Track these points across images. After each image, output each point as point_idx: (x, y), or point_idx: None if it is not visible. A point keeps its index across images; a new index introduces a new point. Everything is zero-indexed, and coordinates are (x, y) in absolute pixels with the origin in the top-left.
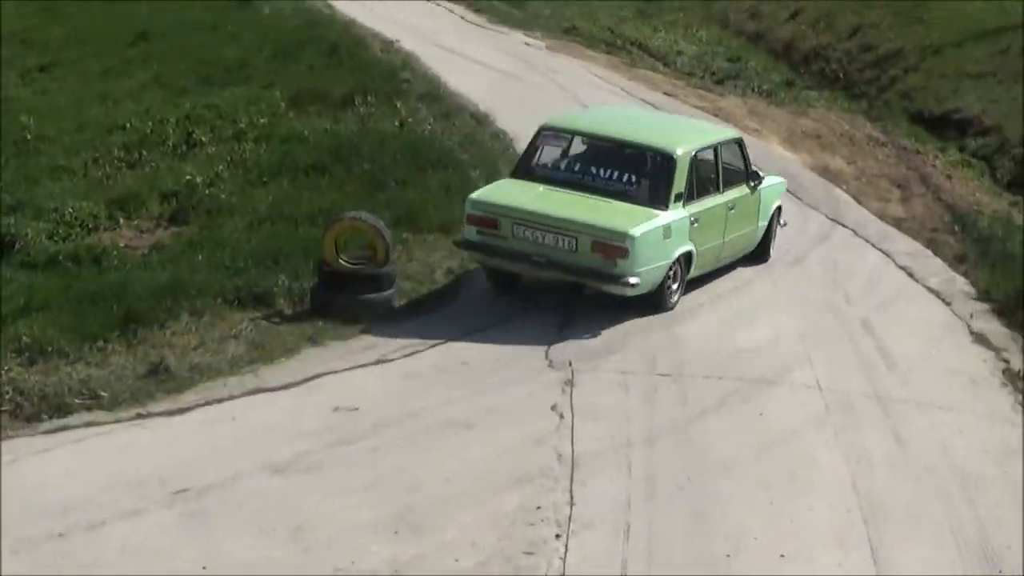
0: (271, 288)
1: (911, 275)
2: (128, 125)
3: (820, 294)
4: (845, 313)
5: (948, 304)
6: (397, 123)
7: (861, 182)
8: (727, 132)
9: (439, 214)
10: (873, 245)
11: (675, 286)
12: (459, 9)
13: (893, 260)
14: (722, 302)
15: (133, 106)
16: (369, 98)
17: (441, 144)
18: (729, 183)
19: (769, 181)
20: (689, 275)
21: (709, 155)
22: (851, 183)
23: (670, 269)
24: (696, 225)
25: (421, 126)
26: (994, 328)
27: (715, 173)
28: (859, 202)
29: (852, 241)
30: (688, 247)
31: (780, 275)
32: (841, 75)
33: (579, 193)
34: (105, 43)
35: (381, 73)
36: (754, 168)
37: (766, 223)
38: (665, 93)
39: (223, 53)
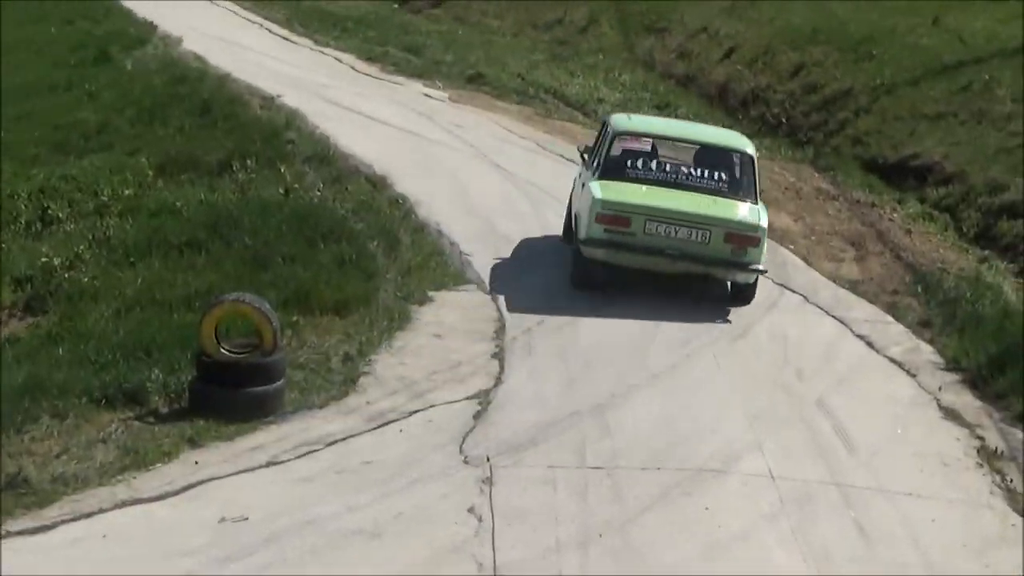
0: (143, 384)
1: (870, 345)
2: None
3: (769, 371)
4: (798, 391)
5: (913, 376)
6: (281, 190)
7: (810, 241)
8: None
9: (333, 292)
10: (826, 312)
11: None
12: (349, 59)
13: (850, 328)
14: (658, 382)
15: None
16: (249, 163)
17: (332, 213)
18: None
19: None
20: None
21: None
22: (799, 242)
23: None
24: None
25: (309, 193)
26: (966, 402)
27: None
28: (809, 263)
29: (803, 308)
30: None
31: (723, 350)
32: (783, 120)
33: (682, 191)
34: None
35: (262, 134)
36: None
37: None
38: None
39: (80, 116)
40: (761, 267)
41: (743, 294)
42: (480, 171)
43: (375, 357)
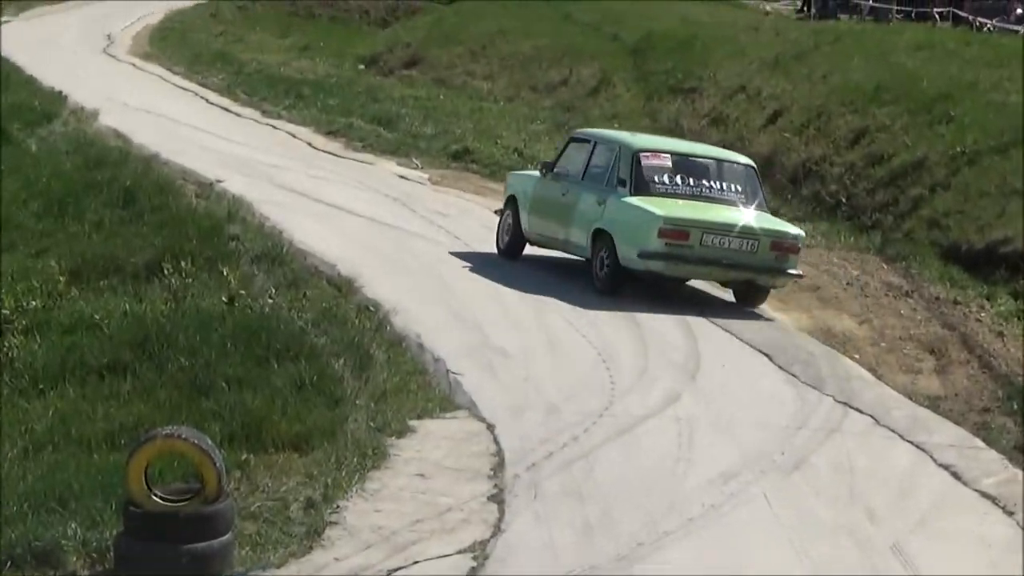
0: (58, 542)
1: (957, 476)
2: None
3: (832, 512)
4: (869, 537)
5: (1010, 514)
6: (225, 298)
7: (879, 348)
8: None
9: (290, 423)
10: (901, 436)
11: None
12: (305, 133)
13: (931, 456)
14: (696, 529)
15: None
16: (184, 264)
17: (288, 325)
18: None
19: None
20: None
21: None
22: (866, 351)
23: None
24: None
25: (259, 300)
26: None
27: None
28: (878, 376)
29: (872, 432)
30: None
31: (774, 485)
32: (843, 199)
33: (709, 203)
34: None
35: (199, 228)
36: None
37: None
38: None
39: None
40: (800, 272)
41: (755, 298)
42: (469, 269)
43: (344, 503)
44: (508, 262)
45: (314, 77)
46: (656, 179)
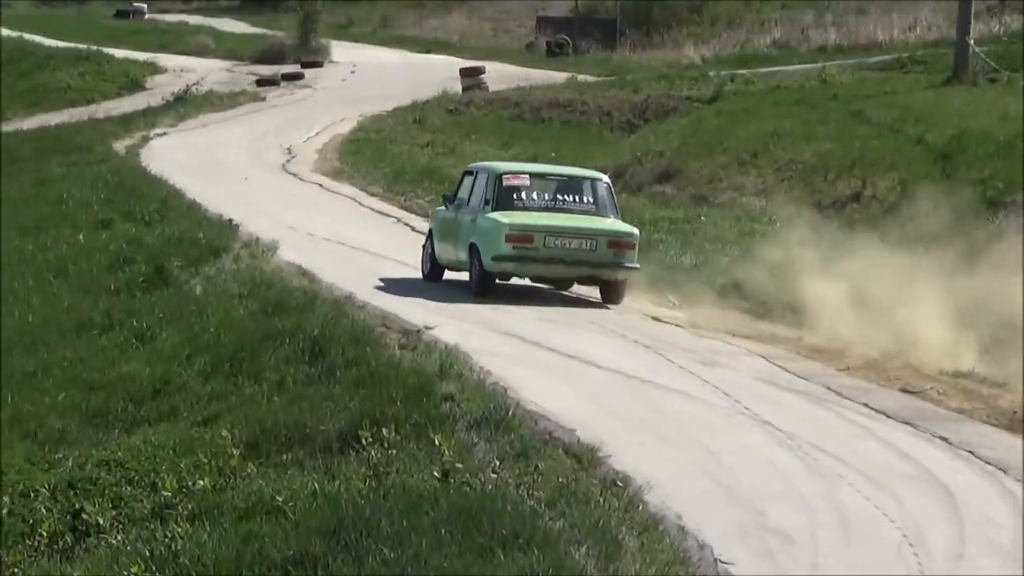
0: None
1: None
2: None
3: None
4: None
5: None
6: (437, 474)
7: None
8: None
9: None
10: None
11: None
12: None
13: None
14: None
15: None
16: (386, 432)
17: (516, 506)
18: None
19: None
20: None
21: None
22: None
23: None
24: None
25: (479, 476)
26: None
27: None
28: None
29: None
30: None
31: None
32: None
33: (565, 213)
34: None
35: (404, 387)
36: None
37: None
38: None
39: (127, 370)
40: (637, 265)
41: (614, 294)
42: (738, 432)
43: None
44: (789, 425)
45: None
46: (515, 196)
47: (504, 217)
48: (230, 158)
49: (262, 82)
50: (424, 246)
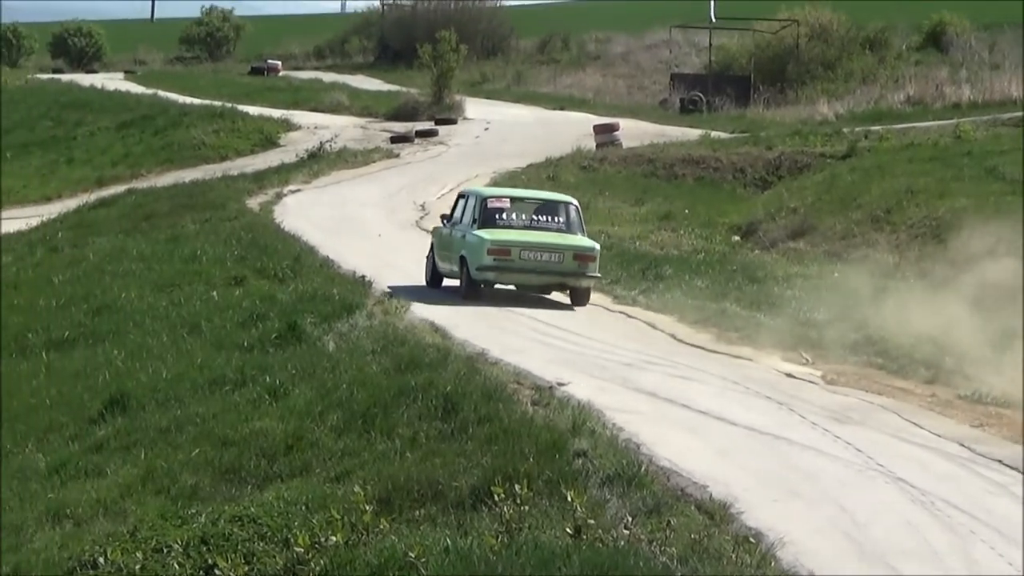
0: None
1: None
2: (102, 560)
3: None
4: None
5: None
6: (570, 530)
7: None
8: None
9: None
10: None
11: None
12: (666, 322)
13: None
14: None
15: (108, 527)
16: (518, 488)
17: (649, 562)
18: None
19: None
20: None
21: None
22: None
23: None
24: None
25: (612, 532)
26: None
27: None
28: None
29: None
30: None
31: None
32: None
33: (540, 231)
34: (54, 419)
35: (537, 444)
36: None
37: None
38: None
39: (260, 426)
40: (598, 275)
41: (582, 298)
42: (871, 488)
43: None
44: (923, 482)
45: (677, 253)
46: (497, 216)
47: (487, 234)
48: (363, 214)
49: (396, 139)
50: (427, 258)
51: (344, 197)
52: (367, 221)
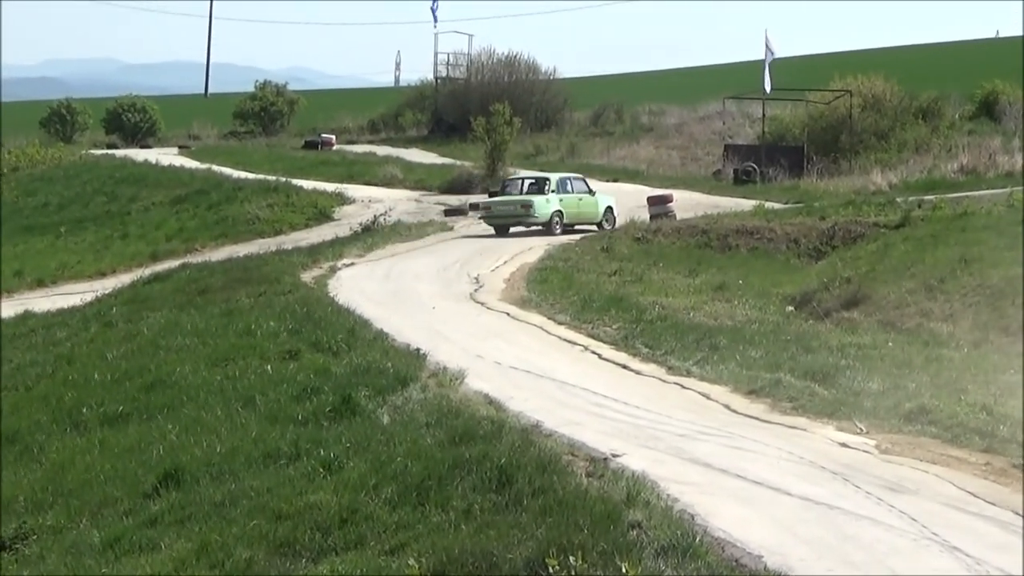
0: None
1: None
2: None
3: None
4: None
5: None
6: None
7: None
8: (574, 174)
9: None
10: None
11: (558, 228)
12: (720, 393)
13: None
14: None
15: None
16: (573, 560)
17: None
18: (579, 191)
19: (601, 194)
20: (564, 221)
21: (567, 180)
22: None
23: (552, 216)
24: (562, 202)
25: None
26: None
27: (570, 186)
28: None
29: None
30: (558, 207)
31: None
32: None
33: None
34: (108, 493)
35: (591, 515)
36: (592, 188)
37: (602, 210)
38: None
39: (314, 499)
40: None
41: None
42: (925, 558)
43: None
44: (981, 553)
45: (731, 323)
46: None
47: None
48: (418, 287)
49: (450, 212)
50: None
51: (398, 270)
52: (421, 294)
